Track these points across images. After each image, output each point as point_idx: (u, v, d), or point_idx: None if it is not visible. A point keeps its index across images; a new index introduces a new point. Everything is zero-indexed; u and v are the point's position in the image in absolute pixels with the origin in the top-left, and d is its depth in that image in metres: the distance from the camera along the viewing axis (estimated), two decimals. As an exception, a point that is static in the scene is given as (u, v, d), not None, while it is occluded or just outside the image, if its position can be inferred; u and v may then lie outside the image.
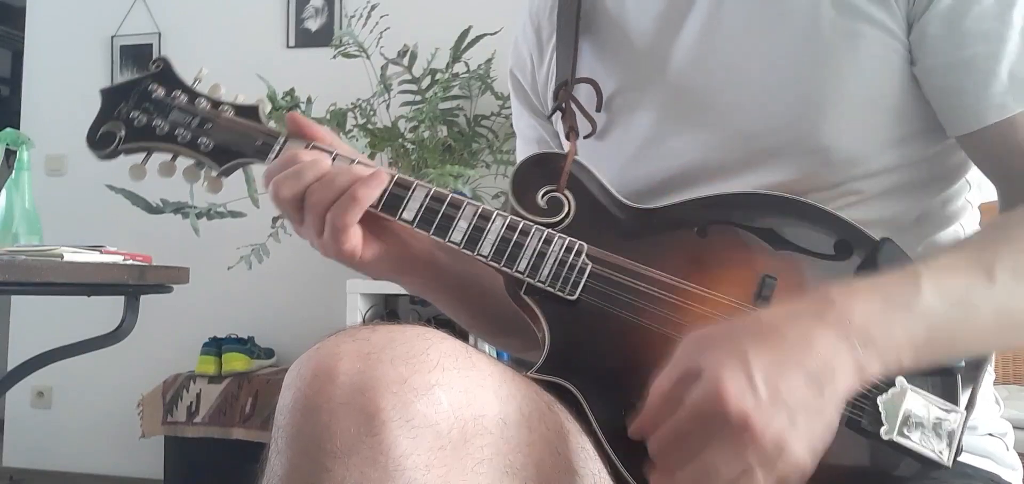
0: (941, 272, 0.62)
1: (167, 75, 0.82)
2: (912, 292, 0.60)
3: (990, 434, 0.77)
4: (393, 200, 0.74)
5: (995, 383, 0.84)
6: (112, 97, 0.82)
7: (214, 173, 0.80)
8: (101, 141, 0.80)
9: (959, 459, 0.65)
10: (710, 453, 0.55)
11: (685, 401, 0.56)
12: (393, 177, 0.74)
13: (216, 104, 0.80)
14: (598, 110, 0.82)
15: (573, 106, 0.82)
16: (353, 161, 0.75)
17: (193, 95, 0.81)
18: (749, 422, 0.54)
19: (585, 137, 0.82)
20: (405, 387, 0.53)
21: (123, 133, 0.80)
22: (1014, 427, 0.82)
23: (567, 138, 0.82)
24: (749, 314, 0.61)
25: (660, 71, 0.80)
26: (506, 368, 0.64)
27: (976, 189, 0.80)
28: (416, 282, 0.83)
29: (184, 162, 0.81)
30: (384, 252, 0.77)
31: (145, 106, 0.81)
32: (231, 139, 0.79)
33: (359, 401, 0.53)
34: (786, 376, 0.55)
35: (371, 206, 0.73)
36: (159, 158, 0.82)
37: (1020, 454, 0.79)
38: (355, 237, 0.73)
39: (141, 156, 0.82)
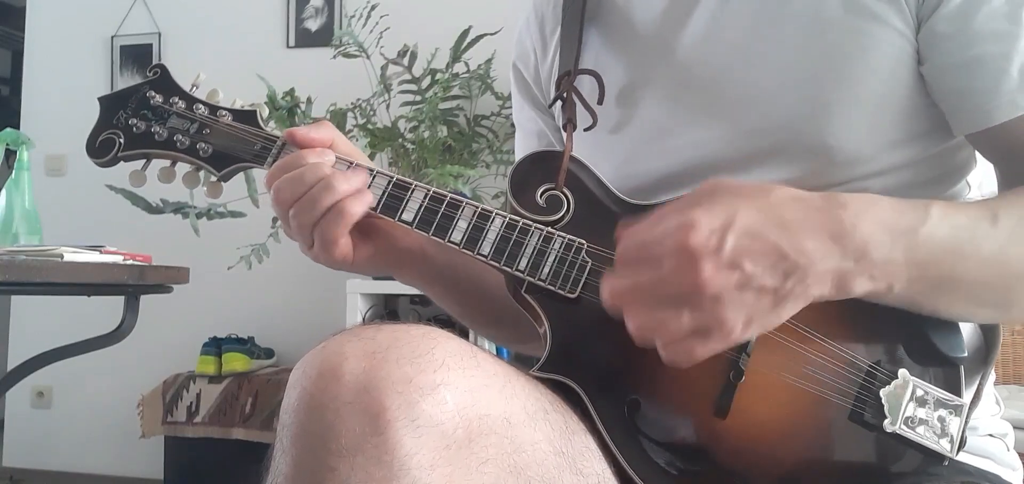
0: (950, 206, 0.64)
1: (165, 81, 0.82)
2: (921, 217, 0.62)
3: (990, 434, 0.77)
4: (392, 201, 0.74)
5: (995, 383, 0.84)
6: (110, 105, 0.82)
7: (213, 178, 0.81)
8: (100, 149, 0.81)
9: (959, 459, 0.65)
10: (657, 279, 0.58)
11: (664, 229, 0.59)
12: (391, 179, 0.75)
13: (214, 109, 0.81)
14: (600, 102, 0.82)
15: (574, 97, 0.83)
16: (350, 164, 0.75)
17: (191, 101, 0.81)
18: (699, 264, 0.56)
19: (586, 130, 0.82)
20: (410, 387, 0.54)
21: (122, 140, 0.81)
22: (1014, 427, 0.83)
23: (564, 129, 0.82)
24: (763, 186, 0.62)
25: (665, 64, 0.81)
26: (510, 367, 0.65)
27: (976, 190, 0.80)
28: (409, 276, 0.84)
29: (183, 168, 0.82)
30: (374, 252, 0.78)
31: (143, 113, 0.81)
32: (229, 144, 0.79)
33: (364, 400, 0.53)
34: (758, 247, 0.57)
35: (371, 208, 0.74)
36: (159, 164, 0.82)
37: (1020, 454, 0.80)
38: (345, 246, 0.74)
39: (141, 162, 0.83)
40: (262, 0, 3.30)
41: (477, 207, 0.73)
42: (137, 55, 3.39)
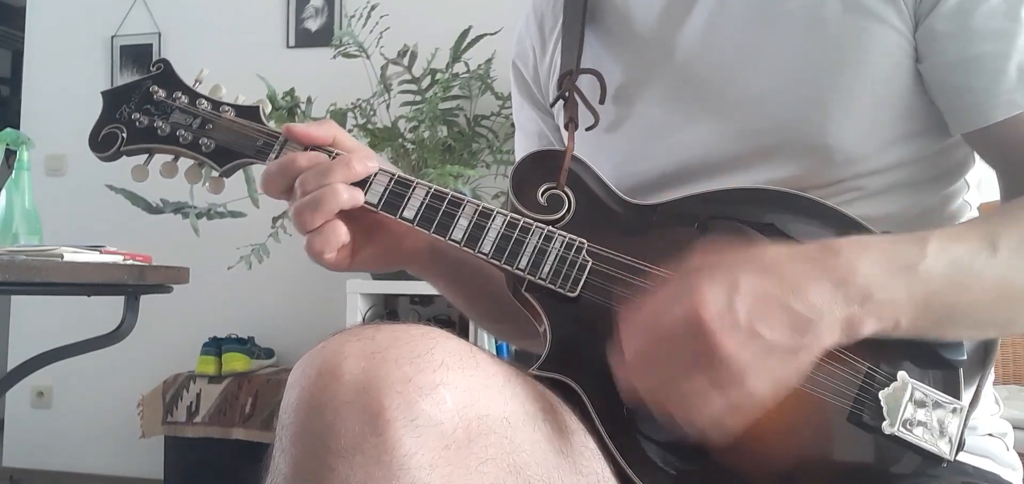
0: (947, 238, 0.64)
1: (168, 77, 0.83)
2: (918, 253, 0.61)
3: (990, 434, 0.77)
4: (393, 199, 0.74)
5: (995, 383, 0.84)
6: (113, 99, 0.82)
7: (215, 174, 0.81)
8: (103, 143, 0.81)
9: (959, 459, 0.65)
10: (676, 362, 0.57)
11: (669, 310, 0.58)
12: (393, 177, 0.75)
13: (217, 105, 0.81)
14: (601, 102, 0.82)
15: (575, 97, 0.83)
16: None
17: (194, 96, 0.82)
18: (719, 340, 0.56)
19: (587, 129, 0.82)
20: (410, 386, 0.54)
21: (125, 135, 0.81)
22: (1014, 427, 0.82)
23: (565, 128, 0.82)
24: (754, 249, 0.61)
25: (665, 63, 0.81)
26: (510, 367, 0.65)
27: (975, 190, 0.80)
28: (417, 271, 0.85)
29: (186, 163, 0.82)
30: (381, 251, 0.78)
31: (146, 108, 0.81)
32: (232, 140, 0.79)
33: (363, 400, 0.53)
34: (769, 311, 0.57)
35: (371, 206, 0.74)
36: (161, 159, 0.83)
37: (1020, 454, 0.80)
38: (333, 260, 0.73)
39: (143, 157, 0.83)
40: (262, 0, 3.30)
41: (478, 205, 0.73)
42: (137, 55, 3.39)
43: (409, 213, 0.74)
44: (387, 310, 2.85)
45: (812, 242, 0.62)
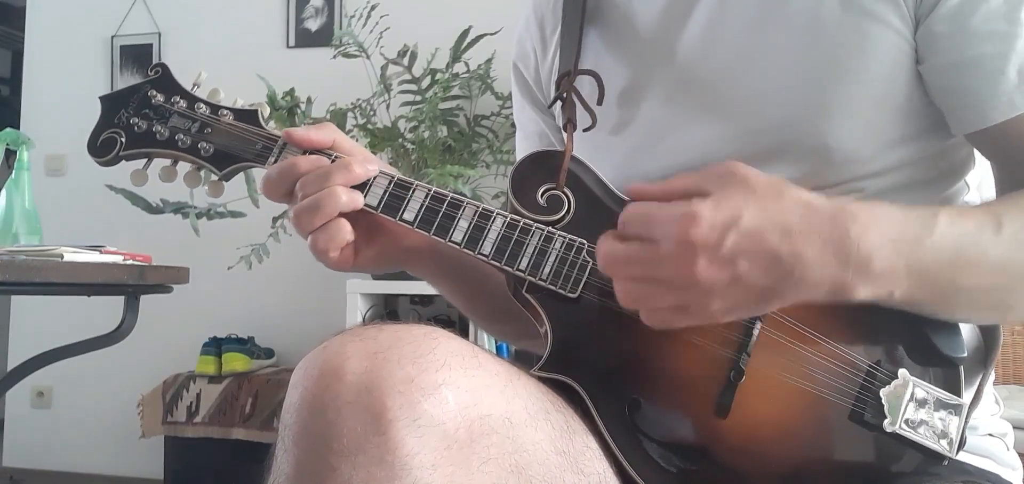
0: (956, 213, 0.64)
1: (166, 80, 0.83)
2: (928, 225, 0.62)
3: (990, 434, 0.77)
4: (393, 201, 0.74)
5: (995, 383, 0.84)
6: (112, 104, 0.82)
7: (215, 177, 0.81)
8: (102, 148, 0.81)
9: (959, 458, 0.65)
10: (656, 255, 0.60)
11: (669, 213, 0.60)
12: (393, 179, 0.75)
13: (215, 109, 0.81)
14: (599, 103, 0.82)
15: (574, 97, 0.83)
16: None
17: (192, 100, 0.81)
18: (696, 257, 0.58)
19: (585, 130, 0.82)
20: (412, 386, 0.54)
21: (123, 140, 0.81)
22: (1014, 427, 0.83)
23: (564, 129, 0.83)
24: (779, 186, 0.62)
25: (666, 64, 0.81)
26: (512, 367, 0.65)
27: (975, 191, 0.80)
28: (417, 271, 0.85)
29: (185, 167, 0.82)
30: (380, 252, 0.79)
31: (145, 112, 0.81)
32: (231, 144, 0.79)
33: (366, 400, 0.53)
34: (755, 250, 0.58)
35: (371, 209, 0.74)
36: (160, 163, 0.83)
37: (1020, 454, 0.80)
38: (337, 258, 0.74)
39: (142, 162, 0.83)
40: (262, 0, 3.30)
41: (478, 207, 0.74)
42: (137, 55, 3.39)
43: (409, 215, 0.74)
44: (387, 310, 2.85)
45: (835, 201, 0.62)
